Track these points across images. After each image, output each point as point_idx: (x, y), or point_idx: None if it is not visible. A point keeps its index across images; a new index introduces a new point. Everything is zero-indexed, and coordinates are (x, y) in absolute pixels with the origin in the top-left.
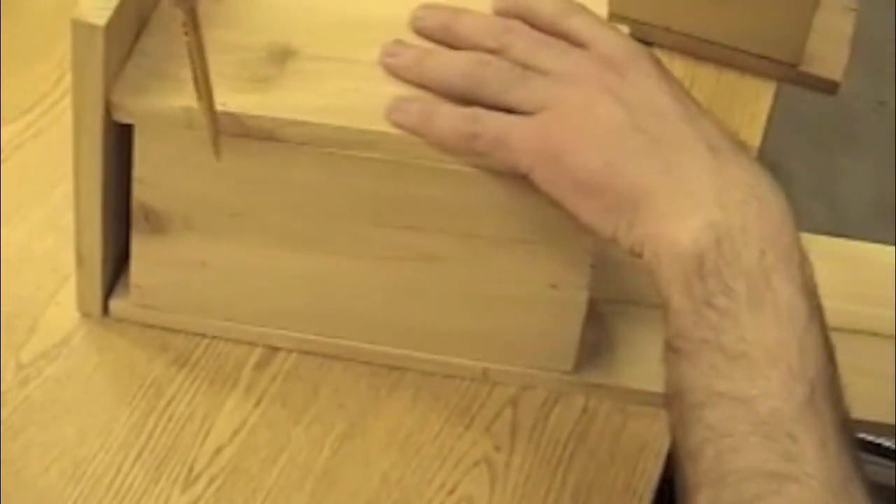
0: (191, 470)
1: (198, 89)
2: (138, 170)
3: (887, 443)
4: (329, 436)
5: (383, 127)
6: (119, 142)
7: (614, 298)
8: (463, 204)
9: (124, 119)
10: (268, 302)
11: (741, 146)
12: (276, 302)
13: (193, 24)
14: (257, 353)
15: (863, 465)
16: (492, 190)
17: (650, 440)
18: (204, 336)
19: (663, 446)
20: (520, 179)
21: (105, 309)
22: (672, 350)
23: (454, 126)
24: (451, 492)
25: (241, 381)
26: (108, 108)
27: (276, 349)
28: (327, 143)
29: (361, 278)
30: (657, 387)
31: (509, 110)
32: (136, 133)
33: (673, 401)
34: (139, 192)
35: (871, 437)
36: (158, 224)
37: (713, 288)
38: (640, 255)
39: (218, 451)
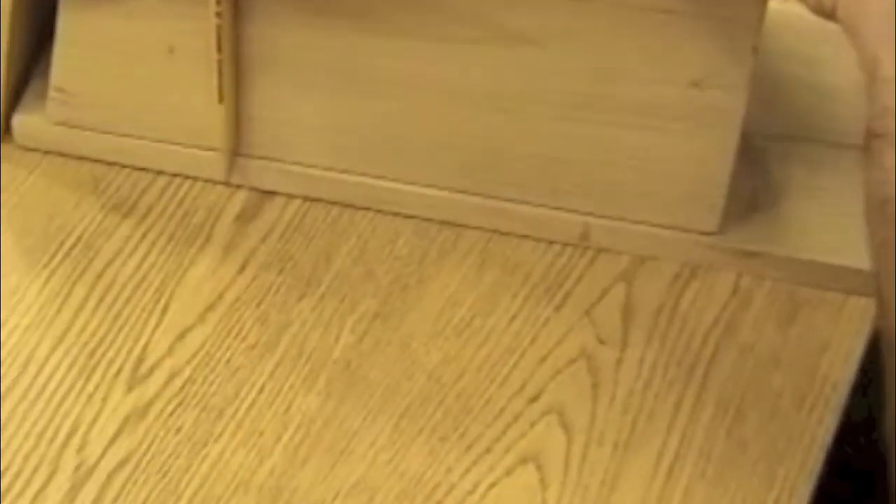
0: (140, 360)
1: (221, 86)
2: None
3: None
4: (351, 315)
5: None
6: None
7: (780, 133)
8: None
9: None
10: (265, 115)
11: None
12: (277, 114)
13: (229, 5)
14: (241, 197)
15: None
16: None
17: (834, 337)
18: (161, 172)
19: (855, 347)
20: None
21: (5, 128)
22: (876, 137)
23: None
24: (533, 398)
25: (215, 236)
26: None
27: (269, 193)
28: None
29: (410, 73)
30: (843, 260)
31: None
32: None
33: (876, 212)
34: None
35: None
36: None
37: None
38: (833, 10)
39: (182, 334)
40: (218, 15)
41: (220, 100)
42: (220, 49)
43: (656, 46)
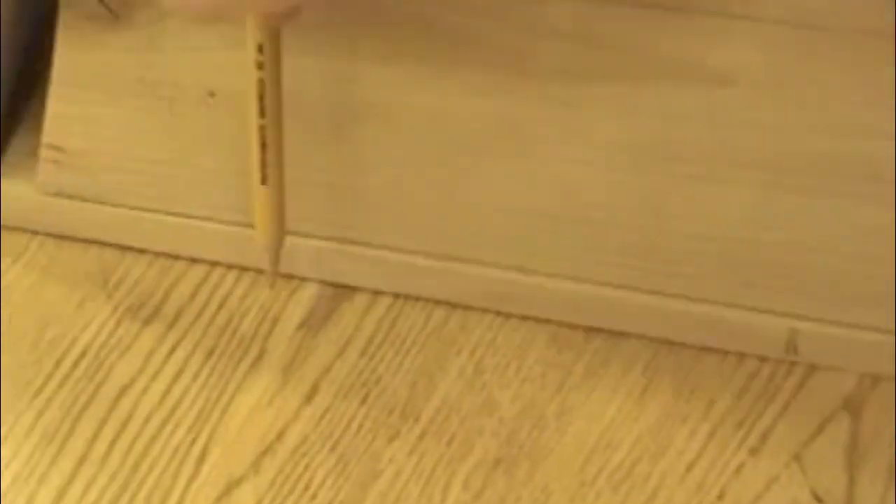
0: None
1: (264, 164)
2: None
3: None
4: (462, 463)
5: None
6: None
7: None
8: None
9: None
10: (337, 182)
11: None
12: (357, 181)
13: (274, 54)
14: (308, 294)
15: None
16: None
17: None
18: (195, 260)
19: None
20: None
21: None
22: None
23: None
24: None
25: (272, 350)
26: None
27: (347, 288)
28: None
29: (545, 120)
30: None
31: None
32: None
33: None
34: None
35: None
36: (121, 1)
37: None
38: None
39: (226, 491)
40: (259, 66)
41: (263, 180)
42: (262, 112)
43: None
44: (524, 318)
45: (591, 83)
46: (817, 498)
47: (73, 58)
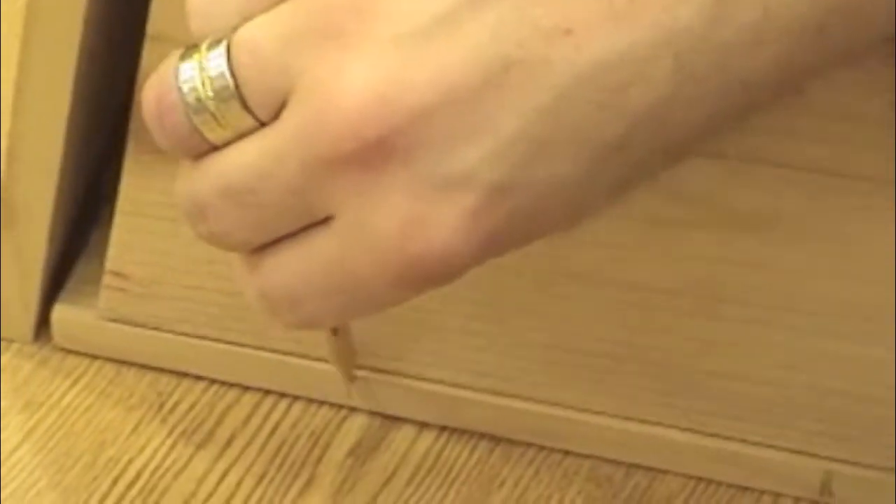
0: None
1: None
2: (158, 17)
3: None
4: None
5: None
6: None
7: None
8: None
9: None
10: (392, 314)
11: None
12: (410, 315)
13: None
14: (357, 423)
15: None
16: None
17: None
18: (248, 388)
19: None
20: None
21: (42, 325)
22: None
23: None
24: None
25: (322, 475)
26: None
27: (396, 419)
28: None
29: (593, 258)
30: None
31: None
32: None
33: None
34: (154, 63)
35: None
36: None
37: None
38: None
39: None
40: None
41: (335, 332)
42: None
43: None
44: (566, 452)
45: (642, 227)
46: None
47: (137, 187)
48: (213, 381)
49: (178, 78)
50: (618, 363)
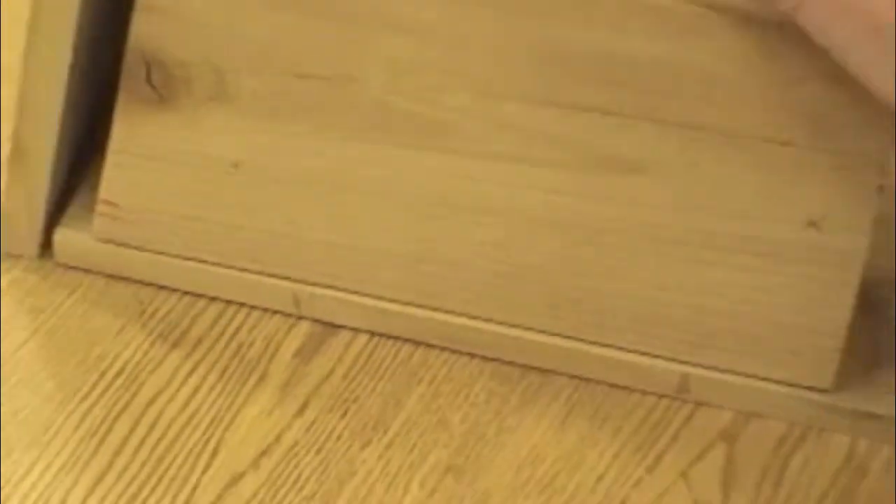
0: None
1: None
2: None
3: None
4: (420, 468)
5: None
6: None
7: None
8: (687, 69)
9: None
10: (332, 241)
11: None
12: (348, 240)
13: None
14: (302, 329)
15: None
16: (731, 46)
17: None
18: (215, 299)
19: None
20: (774, 29)
21: (45, 244)
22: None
23: None
24: None
25: (272, 372)
26: None
27: (335, 326)
28: None
29: (495, 198)
30: None
31: None
32: None
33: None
34: (143, 28)
35: None
36: (167, 87)
37: None
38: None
39: (232, 482)
40: None
41: None
42: None
43: (772, 181)
44: (473, 355)
45: (526, 166)
46: None
47: (126, 131)
48: (185, 293)
49: None
50: (516, 283)
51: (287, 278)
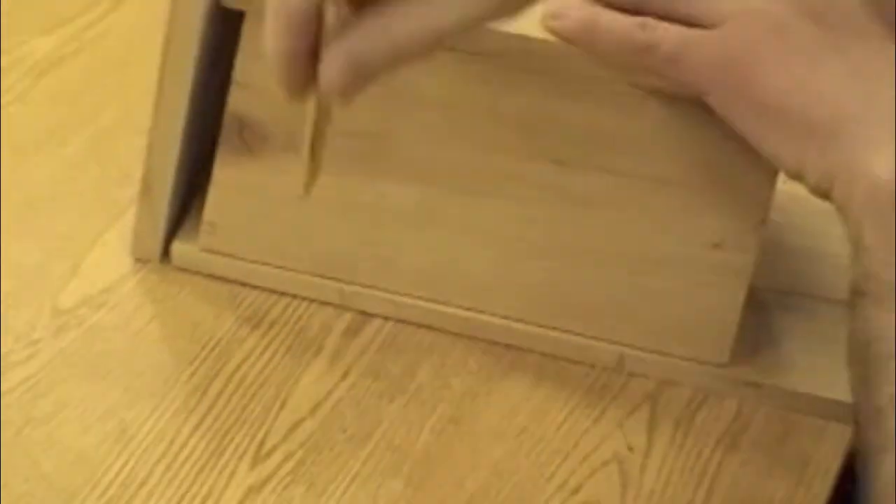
0: (262, 444)
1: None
2: (241, 70)
3: None
4: (430, 418)
5: (538, 34)
6: (219, 35)
7: (781, 288)
8: (623, 133)
9: (235, 3)
10: (370, 254)
11: None
12: (383, 254)
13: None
14: (347, 317)
15: None
16: (658, 117)
17: (816, 456)
18: (285, 294)
19: (832, 465)
20: (691, 106)
21: (165, 253)
22: (859, 294)
23: (624, 36)
24: (574, 491)
25: (325, 348)
26: None
27: (370, 315)
28: (471, 51)
29: (487, 224)
30: (827, 393)
31: (683, 23)
32: (246, 22)
33: (857, 355)
34: (237, 100)
35: None
36: (254, 141)
37: None
38: (828, 192)
39: (295, 425)
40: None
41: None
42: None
43: (687, 214)
44: (470, 337)
45: (513, 202)
46: (630, 449)
47: (224, 171)
48: (264, 289)
49: None
50: (502, 287)
51: (335, 279)
